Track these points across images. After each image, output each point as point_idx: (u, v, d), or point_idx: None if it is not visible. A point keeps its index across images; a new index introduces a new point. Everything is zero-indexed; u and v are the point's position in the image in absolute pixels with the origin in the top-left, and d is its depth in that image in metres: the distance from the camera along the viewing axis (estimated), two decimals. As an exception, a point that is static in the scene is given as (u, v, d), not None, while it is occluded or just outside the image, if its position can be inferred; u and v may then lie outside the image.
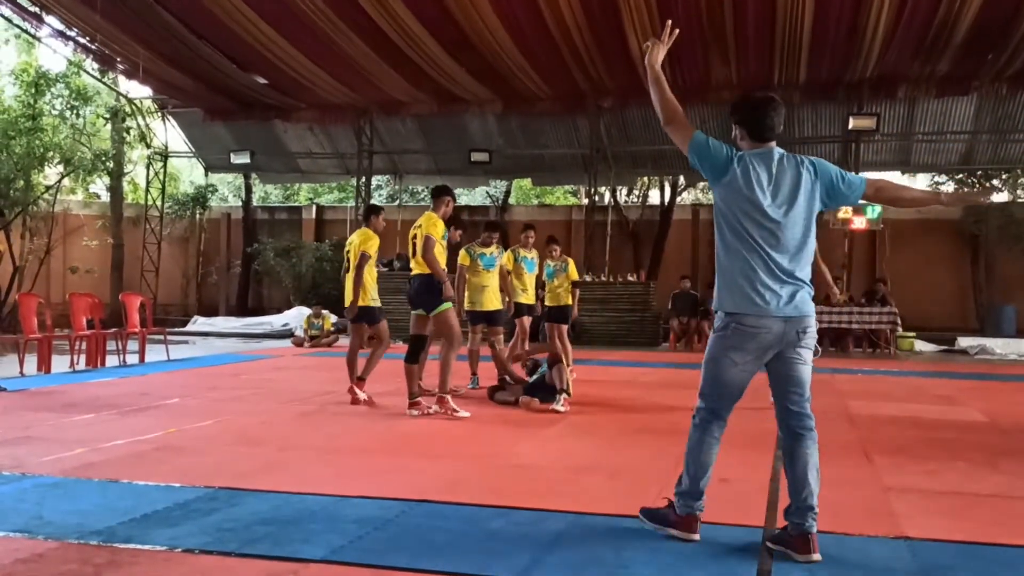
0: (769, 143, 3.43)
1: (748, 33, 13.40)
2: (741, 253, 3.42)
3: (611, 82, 15.81)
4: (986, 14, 12.26)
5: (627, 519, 3.79)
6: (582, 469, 4.92)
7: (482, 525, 3.71)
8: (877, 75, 14.93)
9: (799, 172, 3.38)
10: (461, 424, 6.48)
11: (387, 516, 3.82)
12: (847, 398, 8.31)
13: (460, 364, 7.54)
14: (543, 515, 3.85)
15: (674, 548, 3.43)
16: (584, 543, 3.48)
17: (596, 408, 7.24)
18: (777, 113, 3.44)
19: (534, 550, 3.36)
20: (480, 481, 4.61)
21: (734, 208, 3.43)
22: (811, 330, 3.46)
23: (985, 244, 18.10)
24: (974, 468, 5.05)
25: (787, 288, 3.37)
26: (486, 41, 13.89)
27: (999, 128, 16.91)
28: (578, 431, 6.22)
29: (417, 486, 4.37)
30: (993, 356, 14.18)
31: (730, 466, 5.01)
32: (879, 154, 18.06)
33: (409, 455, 5.30)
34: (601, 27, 13.35)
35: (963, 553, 3.40)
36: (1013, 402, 8.50)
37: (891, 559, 3.32)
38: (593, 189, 18.48)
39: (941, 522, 3.83)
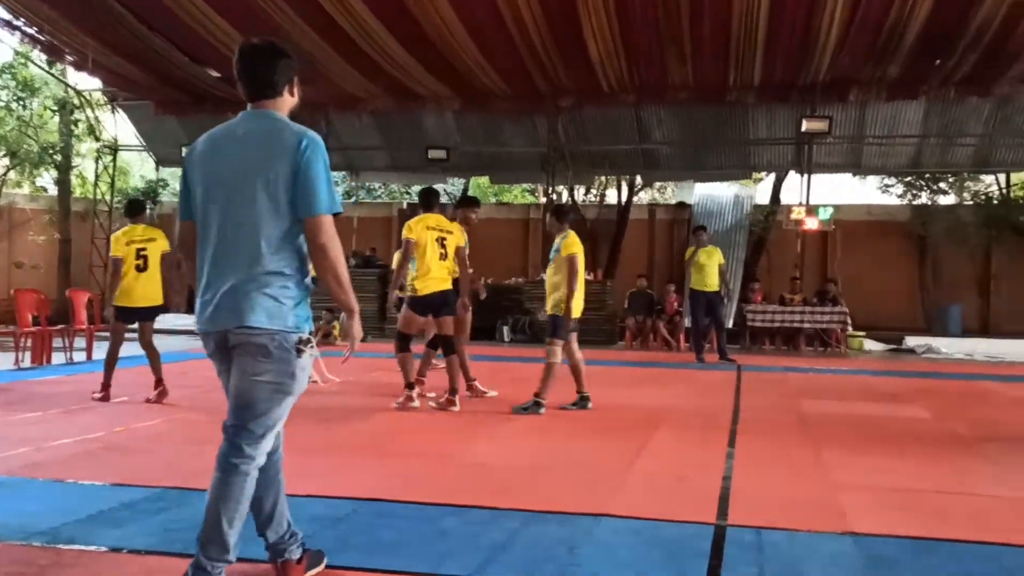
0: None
1: (704, 35, 13.52)
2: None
3: (569, 82, 15.85)
4: (934, 20, 12.51)
5: (581, 517, 3.80)
6: (537, 467, 4.93)
7: (435, 524, 3.69)
8: (829, 78, 15.15)
9: None
10: (416, 423, 6.46)
11: (338, 515, 3.79)
12: (799, 396, 8.45)
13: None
14: (497, 513, 3.85)
15: (628, 545, 3.45)
16: (538, 541, 3.48)
17: (552, 407, 7.25)
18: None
19: (487, 549, 3.35)
20: (434, 480, 4.59)
21: None
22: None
23: (932, 245, 18.47)
24: (919, 464, 5.15)
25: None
26: (444, 38, 13.84)
27: (946, 132, 17.26)
28: (534, 430, 6.22)
29: (369, 485, 4.34)
30: (939, 355, 14.49)
31: (683, 464, 5.07)
32: (831, 156, 18.34)
33: (362, 454, 5.26)
34: (560, 28, 13.37)
35: (908, 547, 3.46)
36: (958, 400, 8.70)
37: (838, 554, 3.38)
38: (551, 188, 18.50)
39: (887, 517, 3.90)
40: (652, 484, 4.54)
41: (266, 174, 2.67)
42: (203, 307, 2.73)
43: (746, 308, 15.19)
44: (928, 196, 19.18)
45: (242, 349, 2.67)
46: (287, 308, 2.69)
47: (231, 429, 2.73)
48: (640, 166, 19.59)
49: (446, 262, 7.11)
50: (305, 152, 2.68)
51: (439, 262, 7.02)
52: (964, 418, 7.23)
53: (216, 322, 2.69)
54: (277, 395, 2.71)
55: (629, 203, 21.04)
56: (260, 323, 2.63)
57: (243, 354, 2.67)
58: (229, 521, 2.68)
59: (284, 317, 2.67)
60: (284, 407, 2.76)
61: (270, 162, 2.67)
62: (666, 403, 7.73)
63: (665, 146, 18.59)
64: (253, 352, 2.65)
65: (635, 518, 3.83)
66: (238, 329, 2.64)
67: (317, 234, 2.70)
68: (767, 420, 6.87)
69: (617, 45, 13.93)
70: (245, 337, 2.64)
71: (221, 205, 2.72)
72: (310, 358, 2.77)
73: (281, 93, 2.85)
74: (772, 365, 11.98)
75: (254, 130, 2.76)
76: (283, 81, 2.83)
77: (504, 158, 19.59)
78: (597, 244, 19.68)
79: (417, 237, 6.96)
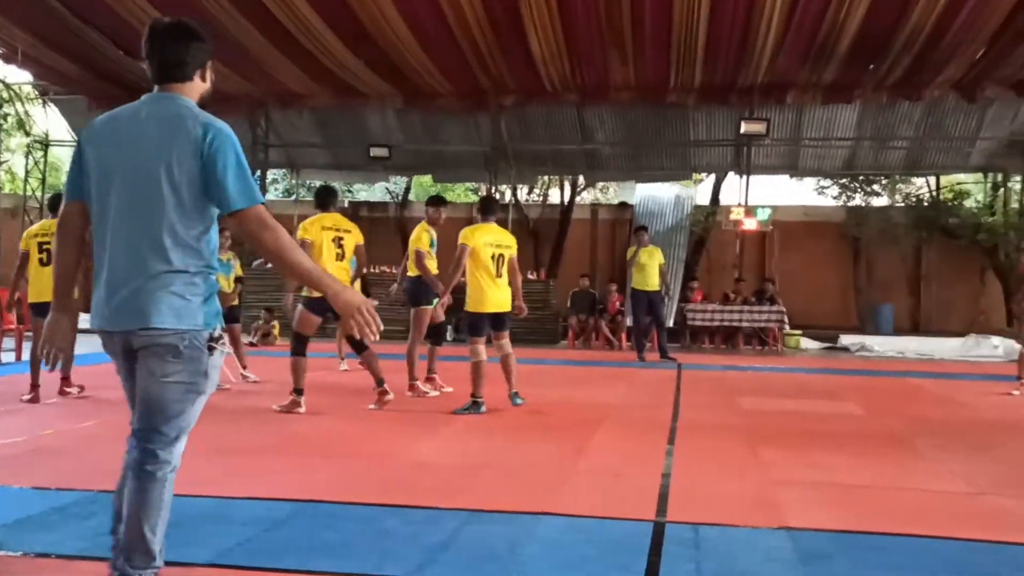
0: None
1: (645, 36, 13.66)
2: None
3: (512, 81, 15.88)
4: (867, 26, 12.84)
5: (523, 515, 3.81)
6: (479, 466, 4.92)
7: (376, 524, 3.66)
8: (767, 81, 15.44)
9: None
10: (358, 423, 6.40)
11: (278, 517, 3.73)
12: (737, 394, 8.58)
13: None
14: (438, 513, 3.83)
15: (567, 543, 3.46)
16: (479, 540, 3.47)
17: (495, 406, 7.26)
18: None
19: (428, 549, 3.33)
20: (375, 480, 4.55)
21: None
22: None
23: (866, 246, 18.94)
24: (853, 460, 5.27)
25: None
26: (386, 36, 13.75)
27: (879, 136, 17.74)
28: (476, 429, 6.21)
29: (310, 486, 4.28)
30: (872, 353, 14.86)
31: (623, 461, 5.12)
32: (769, 158, 18.70)
33: (303, 454, 5.20)
34: (502, 26, 13.39)
35: (840, 541, 3.54)
36: (890, 397, 8.93)
37: (774, 549, 3.43)
38: (494, 187, 18.51)
39: (821, 512, 3.98)
40: (593, 482, 4.57)
41: (169, 164, 2.50)
42: (103, 303, 2.55)
43: (686, 307, 15.38)
44: (862, 198, 19.66)
45: (149, 351, 2.52)
46: (195, 305, 2.54)
47: (142, 434, 2.59)
48: (583, 166, 19.73)
49: (343, 263, 6.98)
50: (212, 144, 2.52)
51: (336, 263, 6.86)
52: (896, 414, 7.42)
53: (118, 322, 2.53)
54: (190, 395, 2.58)
55: (572, 203, 21.15)
56: (168, 323, 2.48)
57: (150, 356, 2.52)
58: (152, 528, 2.59)
59: (193, 315, 2.53)
60: (197, 407, 2.64)
61: (173, 151, 2.50)
62: (607, 402, 7.79)
63: (607, 146, 18.75)
64: (162, 353, 2.51)
65: (576, 516, 3.85)
66: (143, 331, 2.49)
67: (249, 228, 2.54)
68: (706, 418, 6.97)
69: (560, 45, 14.00)
70: (152, 339, 2.50)
71: (120, 193, 2.52)
72: (221, 355, 2.64)
73: (191, 77, 2.66)
74: (711, 363, 12.16)
75: (157, 114, 2.58)
76: (194, 65, 2.66)
77: (447, 157, 19.55)
78: (540, 244, 19.77)
79: (313, 237, 6.81)
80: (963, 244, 17.97)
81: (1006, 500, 4.30)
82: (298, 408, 6.74)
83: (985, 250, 17.55)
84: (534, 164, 19.50)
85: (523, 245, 19.81)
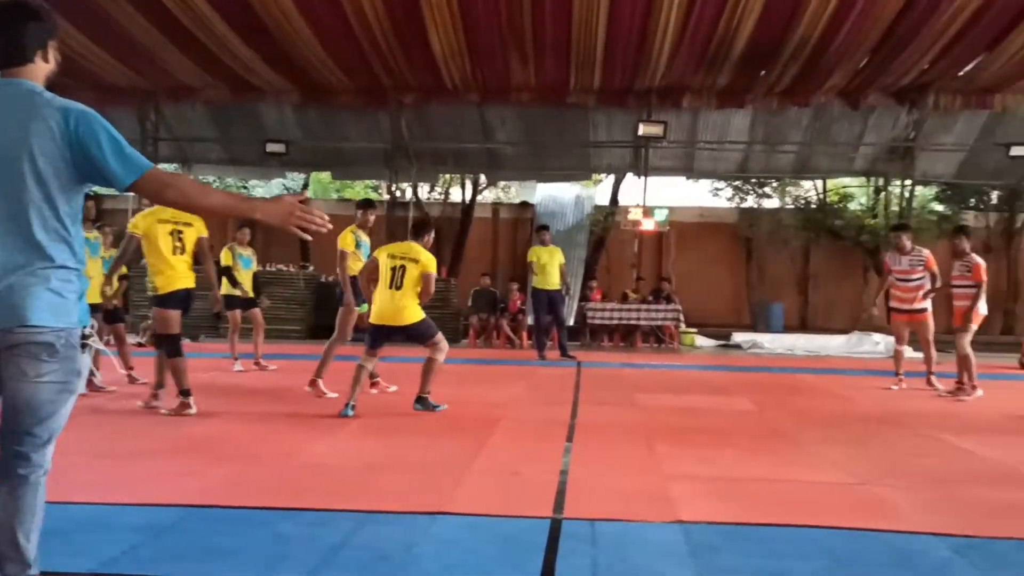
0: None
1: (546, 38, 13.78)
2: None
3: (413, 79, 15.78)
4: (759, 34, 13.28)
5: (419, 515, 3.79)
6: (375, 467, 4.86)
7: (269, 528, 3.58)
8: (664, 85, 15.79)
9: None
10: (252, 425, 6.25)
11: (166, 523, 3.61)
12: (634, 391, 8.74)
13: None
14: (333, 515, 3.77)
15: (463, 542, 3.45)
16: (374, 541, 3.43)
17: (393, 406, 7.21)
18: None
19: (323, 551, 3.28)
20: (269, 483, 4.45)
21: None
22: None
23: (757, 246, 19.61)
24: (743, 454, 5.44)
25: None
26: (283, 29, 13.46)
27: (770, 140, 18.34)
28: (373, 429, 6.15)
29: (200, 490, 4.16)
30: (763, 350, 15.37)
31: (521, 459, 5.14)
32: (666, 159, 19.10)
33: (193, 458, 5.03)
34: (402, 23, 13.29)
35: (730, 533, 3.64)
36: (779, 392, 9.24)
37: (667, 542, 3.50)
38: (394, 185, 18.37)
39: (712, 505, 4.08)
40: (491, 481, 4.58)
41: (32, 156, 2.37)
42: None
43: (586, 306, 15.59)
44: (754, 200, 20.34)
45: (22, 349, 2.39)
46: (71, 303, 2.45)
47: (12, 437, 2.45)
48: (484, 165, 19.76)
49: (184, 256, 6.67)
50: (78, 130, 2.40)
51: (175, 256, 6.57)
52: (784, 409, 7.70)
53: None
54: (63, 395, 2.47)
55: (473, 201, 21.20)
56: (44, 321, 2.38)
57: (23, 355, 2.40)
58: (26, 535, 2.47)
59: (69, 313, 2.44)
60: (68, 407, 2.52)
61: (33, 143, 2.37)
62: (508, 400, 7.82)
63: (509, 146, 18.83)
64: (36, 352, 2.39)
65: (473, 515, 3.84)
66: (20, 328, 2.37)
67: (151, 194, 2.49)
68: (604, 415, 7.07)
69: (461, 44, 13.99)
70: (27, 336, 2.38)
71: None
72: (91, 353, 2.56)
73: (32, 59, 2.51)
74: (610, 361, 12.36)
75: (7, 101, 2.44)
76: (34, 46, 2.51)
77: (346, 153, 19.26)
78: (441, 242, 19.73)
79: (144, 231, 6.53)
80: (848, 245, 18.82)
81: (881, 489, 4.51)
82: (188, 410, 6.52)
83: (868, 251, 18.39)
84: (435, 162, 19.43)
85: (424, 244, 19.87)
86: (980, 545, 3.54)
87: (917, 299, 9.23)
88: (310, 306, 15.61)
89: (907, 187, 17.27)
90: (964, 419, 7.28)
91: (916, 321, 9.41)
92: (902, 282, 9.36)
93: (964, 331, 8.77)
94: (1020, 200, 19.76)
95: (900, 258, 9.36)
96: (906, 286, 9.33)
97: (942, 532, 3.68)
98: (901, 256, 9.36)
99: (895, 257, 9.44)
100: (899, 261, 9.37)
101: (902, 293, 9.37)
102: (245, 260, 10.14)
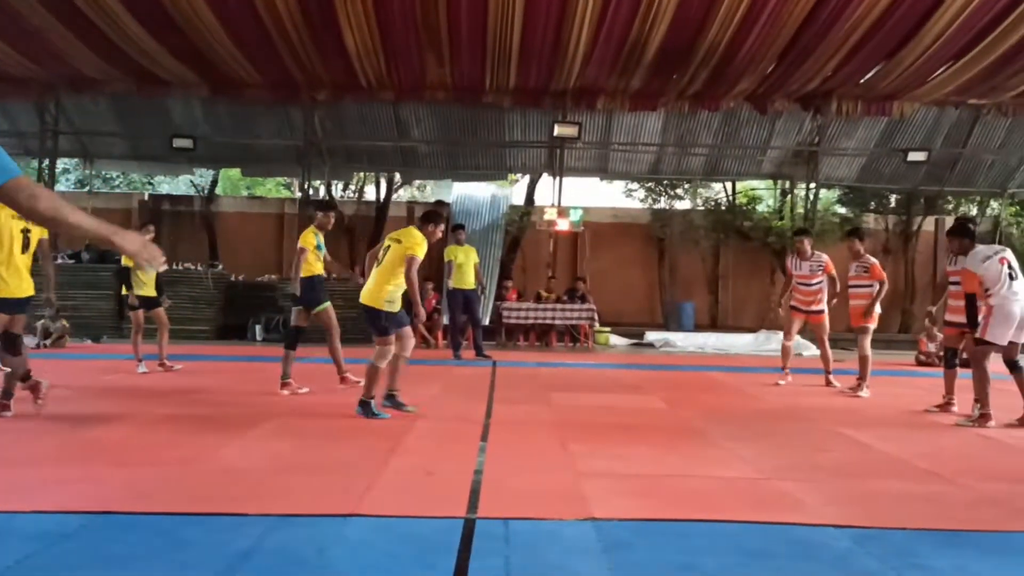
0: None
1: (462, 37, 13.75)
2: None
3: (326, 75, 15.55)
4: (671, 39, 13.53)
5: (331, 518, 3.73)
6: (286, 469, 4.76)
7: (174, 535, 3.47)
8: (579, 86, 15.94)
9: None
10: (157, 429, 6.05)
11: (65, 531, 3.46)
12: (549, 390, 8.79)
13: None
14: (242, 520, 3.68)
15: (376, 543, 3.41)
16: (285, 545, 3.36)
17: (306, 408, 7.08)
18: None
19: (231, 557, 3.19)
20: (175, 488, 4.31)
21: None
22: None
23: (669, 247, 19.98)
24: (654, 451, 5.52)
25: None
26: (190, 21, 13.07)
27: (682, 142, 18.72)
28: (285, 432, 6.02)
29: (103, 497, 4.01)
30: (675, 348, 15.67)
31: (435, 459, 5.11)
32: (581, 160, 19.31)
33: (96, 464, 4.84)
34: (315, 18, 13.07)
35: (642, 529, 3.69)
36: (690, 390, 9.43)
37: (579, 540, 3.53)
38: (307, 182, 18.07)
39: (625, 502, 4.13)
40: (405, 481, 4.53)
41: None
42: None
43: (501, 306, 15.62)
44: (666, 201, 20.70)
45: None
46: None
47: None
48: (399, 163, 19.60)
49: (27, 255, 6.35)
50: None
51: (21, 254, 6.26)
52: (694, 406, 7.85)
53: None
54: None
55: (388, 200, 21.00)
56: None
57: None
58: None
59: None
60: None
61: None
62: (422, 400, 7.75)
63: (424, 144, 18.73)
64: None
65: (386, 516, 3.80)
66: None
67: (19, 203, 2.32)
68: (519, 414, 7.09)
69: (375, 40, 13.84)
70: None
71: None
72: None
73: None
74: (525, 360, 12.41)
75: None
76: None
77: (257, 150, 18.86)
78: (355, 241, 19.50)
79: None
80: (756, 246, 19.32)
81: (785, 483, 4.64)
82: (6, 412, 6.26)
83: (775, 251, 18.91)
84: (349, 160, 19.20)
85: (337, 242, 19.61)
86: (877, 536, 3.67)
87: (816, 302, 9.61)
88: (219, 306, 15.22)
89: (812, 190, 17.84)
90: (864, 414, 7.56)
91: (813, 321, 9.81)
92: (803, 286, 9.72)
93: (865, 332, 9.12)
94: (917, 204, 20.62)
95: (801, 263, 9.70)
96: (807, 289, 9.69)
97: (843, 524, 3.81)
98: (802, 261, 9.70)
99: (796, 261, 9.77)
100: (800, 265, 9.72)
101: (802, 296, 9.74)
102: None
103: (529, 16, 12.88)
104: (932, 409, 7.81)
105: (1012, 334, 6.90)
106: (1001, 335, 6.88)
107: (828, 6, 12.35)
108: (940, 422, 7.24)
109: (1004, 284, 6.88)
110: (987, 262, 6.96)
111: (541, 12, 12.80)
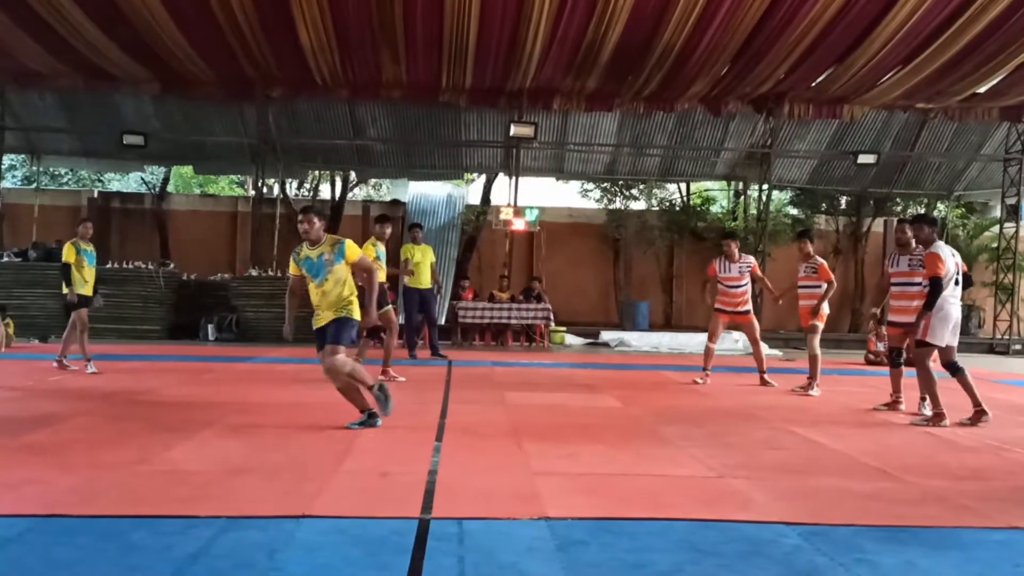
0: None
1: (417, 35, 13.70)
2: None
3: (280, 72, 15.39)
4: (626, 41, 13.63)
5: (283, 519, 3.69)
6: (237, 471, 4.70)
7: (121, 538, 3.41)
8: (535, 87, 15.98)
9: None
10: (105, 430, 5.94)
11: (8, 536, 3.40)
12: (505, 389, 8.80)
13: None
14: (191, 522, 3.63)
15: (329, 545, 3.39)
16: (235, 548, 3.33)
17: (258, 407, 7.00)
18: None
19: (179, 561, 3.15)
20: (122, 490, 4.23)
21: None
22: None
23: (625, 247, 20.11)
24: (608, 450, 5.56)
25: None
26: (141, 16, 12.85)
27: (637, 143, 18.86)
28: (236, 432, 5.95)
29: (47, 500, 3.93)
30: (629, 348, 15.78)
31: (390, 460, 5.09)
32: (537, 160, 19.36)
33: (39, 466, 4.73)
34: (269, 15, 12.93)
35: (595, 528, 3.71)
36: (644, 389, 9.50)
37: (533, 539, 3.54)
38: (261, 181, 17.86)
39: (578, 501, 4.15)
40: (358, 482, 4.51)
41: None
42: None
43: (457, 305, 15.59)
44: (622, 201, 20.83)
45: None
46: None
47: None
48: (354, 162, 19.49)
49: None
50: None
51: None
52: (647, 405, 7.92)
53: None
54: None
55: (343, 199, 20.87)
56: None
57: None
58: None
59: None
60: None
61: None
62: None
63: (379, 143, 18.63)
64: None
65: (339, 517, 3.78)
66: None
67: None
68: (475, 413, 7.09)
69: (330, 38, 13.74)
70: None
71: None
72: None
73: None
74: (481, 360, 12.40)
75: None
76: None
77: (210, 147, 18.61)
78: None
79: None
80: (709, 246, 19.52)
81: (738, 481, 4.70)
82: None
83: (728, 252, 19.13)
84: (304, 158, 19.03)
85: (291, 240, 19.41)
86: (824, 532, 3.74)
87: (743, 303, 9.80)
88: (169, 305, 14.97)
89: (764, 191, 18.09)
90: (813, 413, 7.68)
91: (741, 322, 9.97)
92: (731, 288, 9.87)
93: (814, 331, 9.27)
94: (866, 205, 21.01)
95: (729, 265, 9.86)
96: (735, 291, 9.87)
97: (792, 521, 3.88)
98: (731, 263, 9.85)
99: (724, 264, 9.91)
100: (728, 268, 9.87)
101: (728, 298, 9.91)
102: (90, 256, 9.50)
103: (485, 16, 12.89)
104: (880, 407, 7.97)
105: (948, 337, 7.06)
106: (940, 336, 7.04)
107: (780, 10, 12.54)
108: (889, 420, 7.39)
109: (949, 286, 7.04)
110: (954, 257, 7.13)
111: (497, 12, 12.81)
